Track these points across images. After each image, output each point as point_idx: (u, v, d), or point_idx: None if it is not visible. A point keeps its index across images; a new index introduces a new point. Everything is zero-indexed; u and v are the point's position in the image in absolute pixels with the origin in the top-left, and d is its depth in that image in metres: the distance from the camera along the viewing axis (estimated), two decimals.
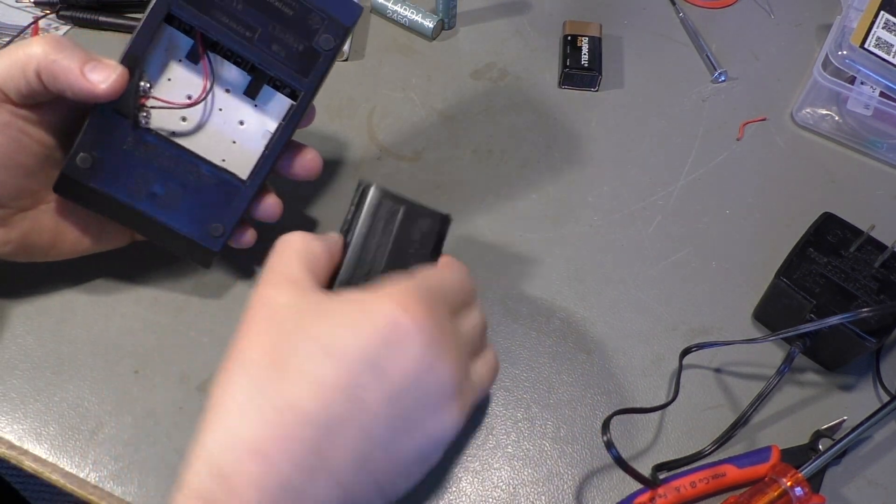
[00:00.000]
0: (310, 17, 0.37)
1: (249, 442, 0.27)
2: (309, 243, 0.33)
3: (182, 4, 0.36)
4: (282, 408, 0.27)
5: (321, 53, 0.38)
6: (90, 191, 0.38)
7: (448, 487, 0.40)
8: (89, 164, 0.38)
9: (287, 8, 0.36)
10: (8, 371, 0.42)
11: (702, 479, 0.40)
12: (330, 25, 0.37)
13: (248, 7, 0.36)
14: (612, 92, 0.59)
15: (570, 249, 0.50)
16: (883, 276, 0.43)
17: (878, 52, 0.53)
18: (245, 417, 0.28)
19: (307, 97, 0.39)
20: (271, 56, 0.38)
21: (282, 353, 0.29)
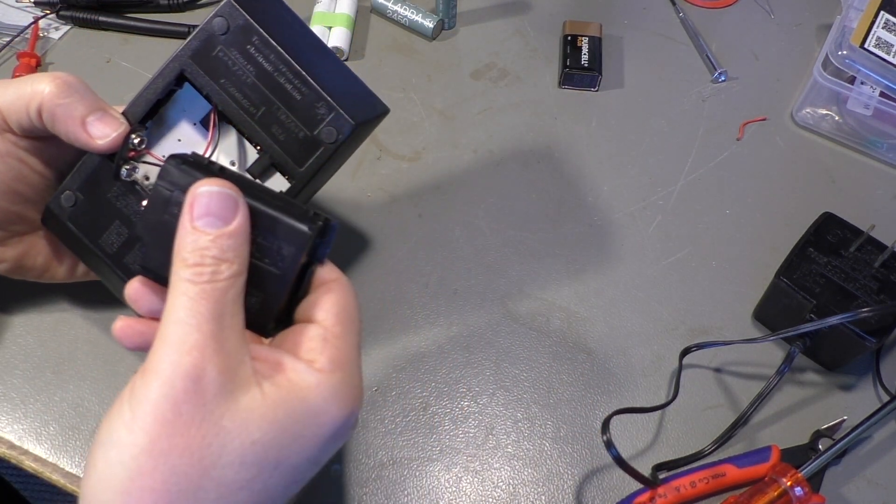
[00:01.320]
0: (318, 104, 0.34)
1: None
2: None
3: (194, 68, 0.34)
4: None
5: (322, 145, 0.34)
6: (67, 229, 0.37)
7: (448, 487, 0.40)
8: (72, 203, 0.36)
9: (297, 92, 0.34)
10: (8, 371, 0.42)
11: (702, 479, 0.40)
12: (336, 118, 0.34)
13: (259, 82, 0.34)
14: (612, 92, 0.59)
15: (570, 249, 0.50)
16: (883, 276, 0.43)
17: (878, 52, 0.53)
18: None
19: (297, 188, 0.36)
20: (269, 137, 0.35)
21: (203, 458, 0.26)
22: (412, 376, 0.44)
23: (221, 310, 0.26)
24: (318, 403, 0.27)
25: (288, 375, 0.27)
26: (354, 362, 0.29)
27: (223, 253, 0.27)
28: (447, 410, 0.43)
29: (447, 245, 0.50)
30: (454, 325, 0.46)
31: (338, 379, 0.28)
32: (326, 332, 0.29)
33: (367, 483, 0.40)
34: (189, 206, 0.27)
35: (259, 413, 0.26)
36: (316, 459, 0.28)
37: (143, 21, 0.60)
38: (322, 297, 0.30)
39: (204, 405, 0.25)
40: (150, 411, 0.25)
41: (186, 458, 0.25)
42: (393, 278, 0.48)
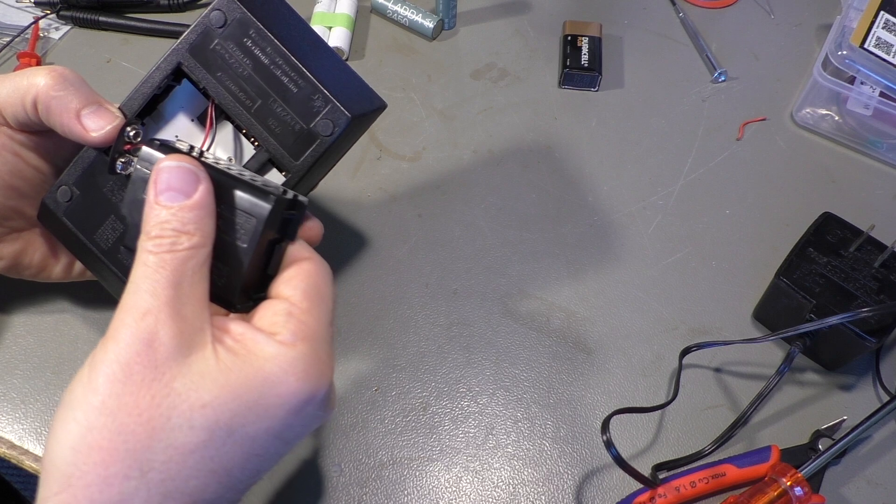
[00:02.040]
0: (314, 97, 0.34)
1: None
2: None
3: (192, 61, 0.34)
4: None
5: (318, 138, 0.34)
6: (63, 224, 0.37)
7: (448, 487, 0.40)
8: (67, 198, 0.36)
9: (293, 84, 0.34)
10: (8, 371, 0.43)
11: (702, 479, 0.40)
12: (333, 111, 0.34)
13: (256, 75, 0.34)
14: (612, 92, 0.59)
15: (570, 249, 0.50)
16: (883, 276, 0.43)
17: (878, 52, 0.53)
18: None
19: (293, 181, 0.35)
20: (265, 130, 0.35)
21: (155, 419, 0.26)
22: (412, 376, 0.44)
23: (179, 279, 0.27)
24: (275, 373, 0.27)
25: (246, 344, 0.28)
26: (321, 339, 0.29)
27: (183, 225, 0.28)
28: (447, 410, 0.43)
29: (447, 245, 0.50)
30: (454, 325, 0.46)
31: (299, 352, 0.28)
32: (292, 306, 0.29)
33: (367, 483, 0.40)
34: (153, 181, 0.28)
35: (211, 377, 0.26)
36: (277, 433, 0.28)
37: (143, 21, 0.60)
38: (291, 274, 0.30)
39: (155, 367, 0.26)
40: (103, 372, 0.26)
41: (135, 417, 0.26)
42: (393, 278, 0.48)
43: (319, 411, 0.30)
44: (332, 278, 0.31)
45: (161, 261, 0.27)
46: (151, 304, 0.27)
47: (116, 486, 0.25)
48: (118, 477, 0.25)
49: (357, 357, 0.45)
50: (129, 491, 0.25)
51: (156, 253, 0.27)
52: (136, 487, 0.25)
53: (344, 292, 0.47)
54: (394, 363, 0.45)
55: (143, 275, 0.27)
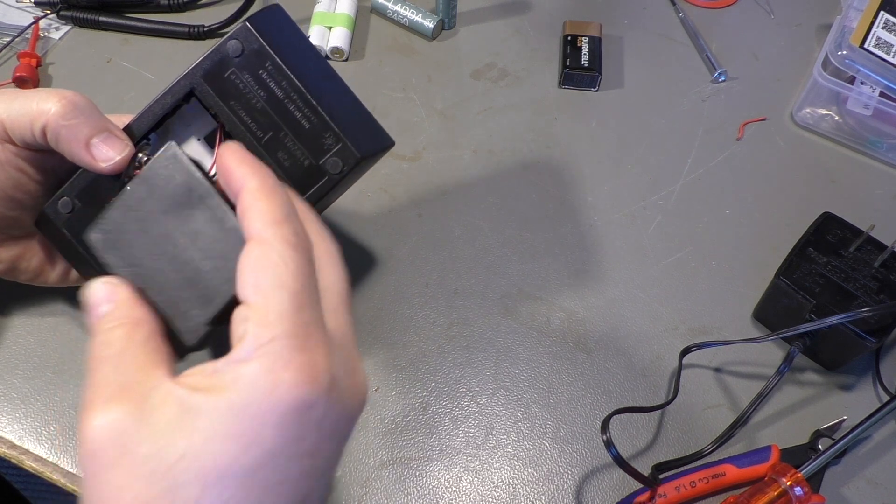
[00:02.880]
0: (325, 134, 0.34)
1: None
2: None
3: (205, 88, 0.34)
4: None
5: (326, 175, 0.34)
6: (62, 235, 0.37)
7: (448, 487, 0.40)
8: (69, 209, 0.36)
9: (306, 120, 0.34)
10: (9, 371, 0.43)
11: (701, 479, 0.40)
12: (343, 150, 0.34)
13: (269, 108, 0.34)
14: (612, 92, 0.59)
15: (570, 249, 0.50)
16: (883, 276, 0.43)
17: (878, 52, 0.53)
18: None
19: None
20: (274, 162, 0.34)
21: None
22: (412, 376, 0.44)
23: (128, 360, 0.27)
24: (240, 397, 0.24)
25: (207, 383, 0.25)
26: (289, 335, 0.25)
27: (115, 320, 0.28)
28: (447, 410, 0.43)
29: (447, 245, 0.50)
30: (454, 325, 0.46)
31: (258, 365, 0.24)
32: (247, 309, 0.25)
33: (367, 483, 0.40)
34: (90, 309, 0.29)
35: (175, 428, 0.24)
36: (288, 453, 0.24)
37: (143, 21, 0.60)
38: (241, 267, 0.26)
39: (120, 437, 0.24)
40: (81, 456, 0.25)
41: (121, 500, 0.23)
42: (393, 278, 0.48)
43: (336, 406, 0.26)
44: (290, 253, 0.26)
45: (101, 356, 0.27)
46: (90, 397, 0.25)
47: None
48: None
49: None
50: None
51: (95, 343, 0.27)
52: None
53: None
54: (394, 363, 0.45)
55: (92, 367, 0.27)
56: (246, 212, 0.27)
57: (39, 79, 0.56)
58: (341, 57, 0.60)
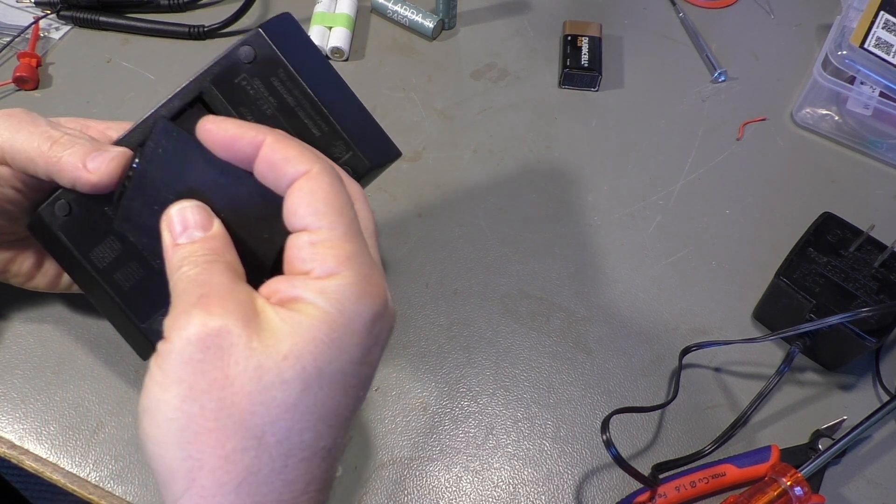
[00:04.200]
0: (336, 143, 0.34)
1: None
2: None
3: (214, 93, 0.33)
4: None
5: None
6: (57, 239, 0.36)
7: (448, 487, 0.40)
8: (66, 212, 0.35)
9: (316, 128, 0.34)
10: (9, 371, 0.43)
11: (701, 479, 0.40)
12: (353, 158, 0.34)
13: (280, 115, 0.33)
14: (612, 92, 0.59)
15: (570, 249, 0.50)
16: (883, 276, 0.43)
17: (878, 52, 0.53)
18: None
19: None
20: None
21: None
22: (412, 376, 0.44)
23: (221, 274, 0.28)
24: (333, 308, 0.27)
25: (293, 294, 0.27)
26: (356, 253, 0.28)
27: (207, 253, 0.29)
28: (447, 410, 0.43)
29: (447, 245, 0.50)
30: (454, 325, 0.46)
31: (342, 279, 0.27)
32: (312, 234, 0.28)
33: (367, 483, 0.40)
34: (167, 224, 0.30)
35: (280, 331, 0.26)
36: (360, 359, 0.27)
37: (143, 21, 0.60)
38: (293, 201, 0.28)
39: (229, 333, 0.26)
40: (177, 360, 0.26)
41: (228, 389, 0.25)
42: (393, 278, 0.48)
43: (388, 322, 0.29)
44: (339, 183, 0.29)
45: (197, 270, 0.28)
46: (202, 293, 0.27)
47: (239, 461, 0.25)
48: (237, 451, 0.25)
49: None
50: (252, 462, 0.25)
51: (192, 264, 0.28)
52: (257, 456, 0.25)
53: None
54: (394, 363, 0.45)
55: (186, 280, 0.28)
56: (283, 159, 0.29)
57: (39, 79, 0.56)
58: (341, 57, 0.60)
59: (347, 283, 0.27)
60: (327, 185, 0.28)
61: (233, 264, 0.29)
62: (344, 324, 0.27)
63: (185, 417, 0.25)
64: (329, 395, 0.26)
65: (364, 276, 0.27)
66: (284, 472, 0.26)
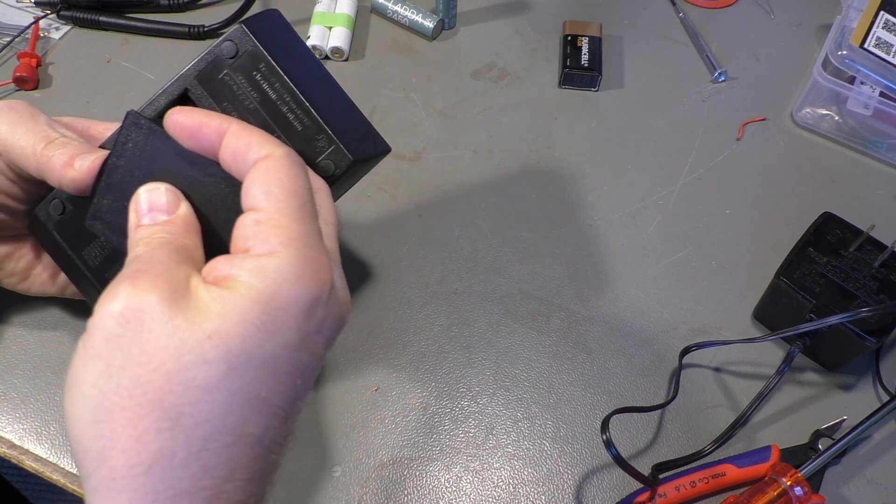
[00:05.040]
0: (318, 136, 0.33)
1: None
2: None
3: (199, 89, 0.34)
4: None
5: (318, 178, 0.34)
6: (52, 238, 0.36)
7: (448, 487, 0.40)
8: (60, 211, 0.36)
9: (298, 122, 0.33)
10: (9, 371, 0.43)
11: (701, 479, 0.40)
12: (334, 152, 0.33)
13: (262, 109, 0.33)
14: (612, 92, 0.59)
15: (570, 249, 0.50)
16: (883, 276, 0.43)
17: (878, 52, 0.53)
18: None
19: None
20: None
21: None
22: (412, 376, 0.44)
23: (167, 254, 0.28)
24: (267, 286, 0.26)
25: (225, 272, 0.27)
26: (303, 235, 0.27)
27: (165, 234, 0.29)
28: (447, 410, 0.43)
29: (447, 245, 0.50)
30: (454, 325, 0.46)
31: (281, 258, 0.26)
32: (258, 213, 0.27)
33: (367, 483, 0.40)
34: (134, 206, 0.30)
35: (208, 310, 0.25)
36: (297, 345, 0.27)
37: (143, 21, 0.60)
38: (249, 181, 0.28)
39: (152, 309, 0.25)
40: (97, 336, 0.25)
41: (145, 366, 0.24)
42: (393, 278, 0.48)
43: (333, 310, 0.28)
44: (297, 167, 0.29)
45: (146, 250, 0.28)
46: (137, 269, 0.26)
47: (151, 442, 0.24)
48: (151, 432, 0.24)
49: (357, 357, 0.45)
50: (165, 444, 0.24)
51: (144, 244, 0.28)
52: (171, 438, 0.24)
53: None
54: (394, 363, 0.45)
55: (132, 259, 0.28)
56: (245, 146, 0.29)
57: (39, 79, 0.56)
58: (341, 57, 0.60)
59: (286, 262, 0.26)
60: (284, 168, 0.28)
61: (187, 247, 0.28)
62: (278, 306, 0.26)
63: (99, 394, 0.24)
64: (257, 379, 0.25)
65: (307, 258, 0.27)
66: (203, 456, 0.25)
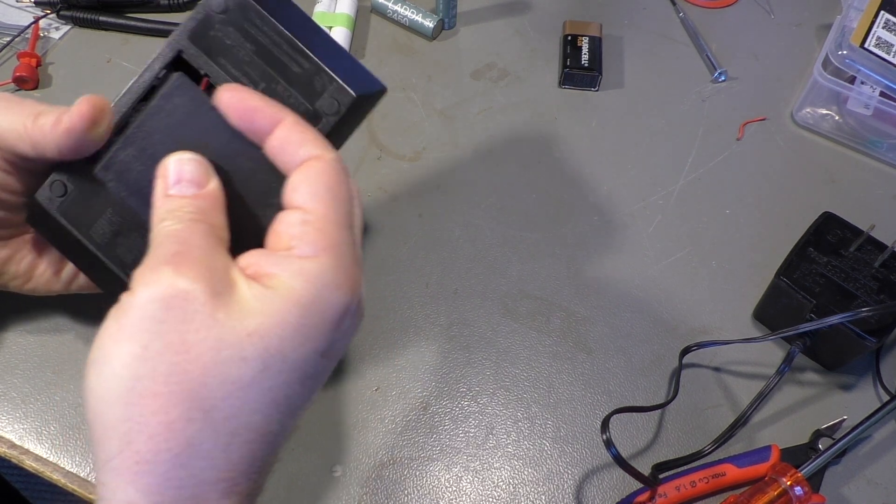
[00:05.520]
0: (318, 76, 0.33)
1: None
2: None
3: (193, 49, 0.33)
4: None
5: (323, 117, 0.34)
6: (56, 223, 0.35)
7: (448, 487, 0.40)
8: (62, 192, 0.35)
9: (296, 65, 0.33)
10: (9, 371, 0.43)
11: (702, 479, 0.40)
12: (336, 90, 0.33)
13: (258, 58, 0.33)
14: (612, 92, 0.59)
15: (570, 249, 0.50)
16: (883, 276, 0.43)
17: (878, 52, 0.53)
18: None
19: None
20: None
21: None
22: (412, 376, 0.44)
23: (202, 236, 0.28)
24: (308, 290, 0.26)
25: (270, 270, 0.27)
26: (343, 243, 0.28)
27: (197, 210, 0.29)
28: (447, 410, 0.43)
29: (447, 245, 0.50)
30: (454, 325, 0.46)
31: (323, 264, 0.27)
32: (305, 214, 0.27)
33: (367, 483, 0.40)
34: (162, 172, 0.30)
35: (249, 307, 0.26)
36: (324, 351, 0.27)
37: (143, 21, 0.60)
38: (298, 178, 0.28)
39: (195, 299, 0.25)
40: (136, 316, 0.25)
41: (183, 356, 0.24)
42: (393, 278, 0.48)
43: (356, 320, 0.29)
44: (344, 174, 0.29)
45: (180, 227, 0.27)
46: (178, 250, 0.26)
47: (181, 431, 0.24)
48: (181, 421, 0.24)
49: (357, 357, 0.45)
50: (195, 434, 0.24)
51: (176, 219, 0.28)
52: (201, 429, 0.24)
53: None
54: (394, 363, 0.45)
55: (164, 234, 0.27)
56: (297, 141, 0.29)
57: (39, 78, 0.56)
58: None
59: (328, 269, 0.27)
60: (334, 173, 0.28)
61: (218, 229, 0.28)
62: (316, 311, 0.26)
63: (132, 376, 0.24)
64: (287, 381, 0.26)
65: (345, 266, 0.27)
66: (228, 450, 0.25)
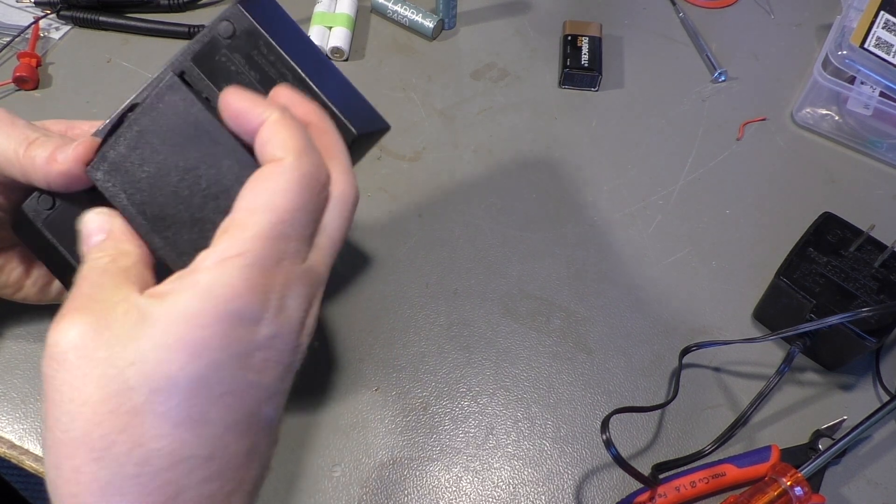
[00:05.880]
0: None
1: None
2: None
3: (196, 71, 0.33)
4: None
5: None
6: (41, 235, 0.34)
7: (448, 487, 0.40)
8: (49, 205, 0.34)
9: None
10: (8, 371, 0.43)
11: (702, 479, 0.40)
12: (339, 126, 0.33)
13: (260, 87, 0.33)
14: (612, 92, 0.59)
15: (569, 249, 0.50)
16: (883, 276, 0.43)
17: (878, 52, 0.53)
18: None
19: None
20: None
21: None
22: (412, 376, 0.44)
23: (100, 275, 0.28)
24: (192, 304, 0.25)
25: (164, 289, 0.26)
26: (257, 252, 0.26)
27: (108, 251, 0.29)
28: (447, 410, 0.43)
29: (447, 245, 0.50)
30: (454, 325, 0.46)
31: (222, 274, 0.25)
32: (230, 220, 0.27)
33: (367, 483, 0.40)
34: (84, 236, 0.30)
35: (130, 335, 0.25)
36: (231, 365, 0.25)
37: (143, 21, 0.60)
38: (248, 183, 0.27)
39: (73, 348, 0.25)
40: (43, 375, 0.26)
41: (75, 401, 0.25)
42: (393, 278, 0.48)
43: (284, 329, 0.27)
44: (300, 182, 0.27)
45: (84, 278, 0.28)
46: (72, 297, 0.27)
47: (87, 472, 0.25)
48: (87, 462, 0.25)
49: (357, 357, 0.45)
50: (100, 472, 0.24)
51: (87, 271, 0.28)
52: (105, 466, 0.24)
53: (344, 292, 0.47)
54: (394, 363, 0.45)
55: (76, 281, 0.28)
56: (268, 141, 0.28)
57: (39, 79, 0.57)
58: (341, 57, 0.60)
59: (224, 279, 0.25)
60: (283, 177, 0.27)
61: (126, 262, 0.28)
62: (204, 324, 0.25)
63: (47, 430, 0.26)
64: (185, 402, 0.25)
65: (251, 277, 0.26)
66: (139, 481, 0.24)
